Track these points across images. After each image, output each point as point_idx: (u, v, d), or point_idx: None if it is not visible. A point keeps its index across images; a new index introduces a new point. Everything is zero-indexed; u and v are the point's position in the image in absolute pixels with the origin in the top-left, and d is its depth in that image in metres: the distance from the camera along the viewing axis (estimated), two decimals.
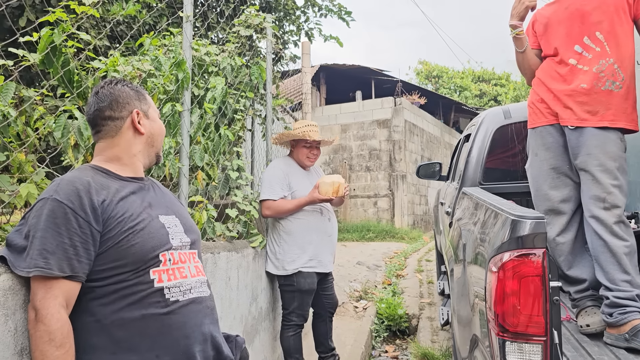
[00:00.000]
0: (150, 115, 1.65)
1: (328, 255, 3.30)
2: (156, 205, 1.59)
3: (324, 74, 14.64)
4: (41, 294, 1.28)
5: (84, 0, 2.11)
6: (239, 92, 3.37)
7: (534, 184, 2.32)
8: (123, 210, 1.45)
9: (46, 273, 1.28)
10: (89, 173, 1.48)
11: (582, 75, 2.13)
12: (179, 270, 1.52)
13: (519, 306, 1.50)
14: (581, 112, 2.11)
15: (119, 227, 1.42)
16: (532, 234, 1.50)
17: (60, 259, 1.31)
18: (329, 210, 3.35)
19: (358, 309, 5.34)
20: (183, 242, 1.58)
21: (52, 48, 1.96)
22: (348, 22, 6.11)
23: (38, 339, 1.25)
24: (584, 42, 2.15)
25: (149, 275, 1.44)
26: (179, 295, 1.48)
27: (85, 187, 1.40)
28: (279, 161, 3.37)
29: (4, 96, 1.85)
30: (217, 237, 2.86)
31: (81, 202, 1.37)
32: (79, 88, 2.12)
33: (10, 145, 2.00)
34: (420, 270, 7.23)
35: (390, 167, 12.62)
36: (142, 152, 1.63)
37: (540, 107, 2.28)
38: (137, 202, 1.52)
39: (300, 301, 3.18)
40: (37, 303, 1.27)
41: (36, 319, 1.26)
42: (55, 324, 1.27)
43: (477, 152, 3.09)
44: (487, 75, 27.44)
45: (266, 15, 3.56)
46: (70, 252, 1.32)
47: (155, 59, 2.44)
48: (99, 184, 1.45)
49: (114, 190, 1.48)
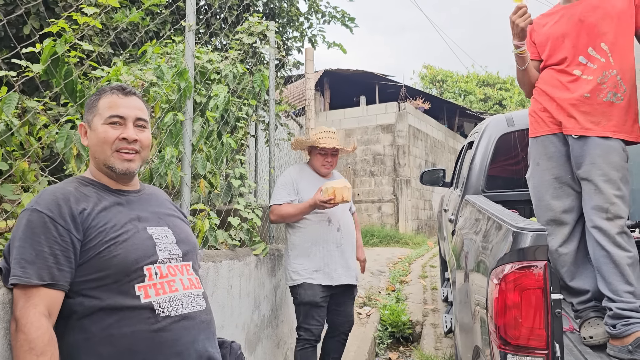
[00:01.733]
0: (93, 125, 1.53)
1: (338, 267, 3.10)
2: (146, 216, 1.56)
3: (328, 79, 14.66)
4: (21, 303, 1.28)
5: (86, 11, 2.12)
6: (241, 99, 3.38)
7: (536, 194, 2.31)
8: (105, 220, 1.44)
9: (24, 282, 1.28)
10: (73, 184, 1.49)
11: (585, 85, 2.13)
12: (168, 284, 1.48)
13: (521, 319, 1.49)
14: (585, 122, 2.10)
15: (100, 237, 1.41)
16: (534, 247, 1.49)
17: (39, 267, 1.30)
18: (338, 220, 3.18)
19: (362, 315, 5.32)
20: (172, 254, 1.53)
21: (55, 59, 1.97)
22: (351, 29, 6.12)
23: (19, 349, 1.24)
24: (588, 52, 2.14)
25: (134, 290, 1.41)
26: (170, 311, 1.44)
27: (65, 196, 1.41)
28: (292, 167, 3.34)
29: (7, 107, 1.86)
30: (219, 245, 2.86)
31: (60, 211, 1.37)
32: (82, 98, 2.13)
33: (13, 154, 2.01)
34: (425, 276, 7.21)
35: (394, 172, 12.60)
36: (96, 165, 1.56)
37: (542, 116, 2.27)
38: (122, 212, 1.50)
39: (305, 315, 3.05)
40: (17, 313, 1.26)
41: (16, 328, 1.25)
42: (35, 332, 1.25)
43: (480, 160, 3.08)
44: (491, 80, 27.41)
45: (269, 23, 3.57)
46: (50, 260, 1.32)
47: (157, 68, 2.45)
48: (81, 194, 1.45)
49: (95, 200, 1.47)
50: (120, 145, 1.52)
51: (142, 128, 1.58)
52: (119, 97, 1.55)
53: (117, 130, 1.52)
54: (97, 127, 1.52)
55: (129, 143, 1.53)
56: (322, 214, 3.12)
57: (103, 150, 1.52)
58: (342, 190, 2.98)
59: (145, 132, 1.59)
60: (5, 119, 1.89)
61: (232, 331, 2.70)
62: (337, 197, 2.96)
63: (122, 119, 1.53)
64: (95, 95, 1.58)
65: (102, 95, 1.56)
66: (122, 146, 1.52)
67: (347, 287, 3.17)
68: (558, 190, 2.20)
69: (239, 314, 2.81)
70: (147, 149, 1.61)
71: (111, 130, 1.51)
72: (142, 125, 1.58)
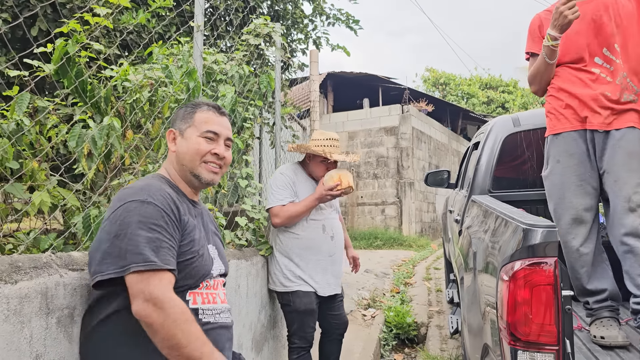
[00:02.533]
0: (186, 134, 1.65)
1: (329, 277, 3.01)
2: (205, 231, 1.67)
3: (332, 82, 14.69)
4: (154, 283, 1.33)
5: (98, 11, 2.14)
6: (247, 100, 3.39)
7: (557, 192, 2.25)
8: (190, 230, 1.53)
9: (160, 266, 1.35)
10: (167, 186, 1.57)
11: (606, 85, 2.14)
12: (212, 295, 1.59)
13: (531, 315, 1.49)
14: (608, 116, 2.13)
15: (189, 246, 1.51)
16: (544, 243, 1.50)
17: (165, 254, 1.38)
18: (332, 228, 3.06)
19: (366, 317, 5.32)
20: (219, 272, 1.66)
21: (67, 59, 1.99)
22: (356, 31, 6.14)
23: (176, 321, 1.31)
24: (603, 53, 2.15)
25: (185, 295, 1.49)
26: (211, 318, 1.54)
27: (171, 196, 1.50)
28: (285, 168, 3.12)
29: (19, 106, 1.88)
30: (226, 245, 2.87)
31: (172, 209, 1.46)
32: (92, 97, 2.15)
33: (23, 153, 2.02)
34: (429, 278, 7.20)
35: (397, 174, 12.60)
36: (178, 170, 1.65)
37: (565, 112, 2.24)
38: (197, 226, 1.60)
39: (300, 323, 2.94)
40: (156, 291, 1.32)
41: (159, 306, 1.31)
42: (181, 305, 1.35)
43: (486, 160, 3.09)
44: (494, 82, 27.41)
45: (275, 25, 3.59)
46: (172, 250, 1.41)
47: (166, 68, 2.46)
48: (177, 199, 1.54)
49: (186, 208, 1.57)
50: (209, 158, 1.64)
51: (228, 147, 1.71)
52: (215, 114, 1.68)
53: (210, 145, 1.64)
54: (191, 137, 1.64)
55: (218, 159, 1.66)
56: (317, 221, 3.00)
57: (193, 159, 1.63)
58: (346, 175, 2.87)
59: (229, 151, 1.72)
60: (17, 118, 1.91)
61: (239, 331, 2.71)
62: (344, 182, 2.85)
63: (216, 135, 1.66)
64: (190, 107, 1.70)
65: (198, 109, 1.68)
66: (211, 160, 1.64)
67: (335, 295, 3.10)
68: (579, 188, 2.18)
69: (246, 314, 2.82)
70: (228, 166, 1.74)
71: (205, 143, 1.63)
72: (229, 145, 1.72)
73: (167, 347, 1.32)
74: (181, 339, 1.31)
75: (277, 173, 3.11)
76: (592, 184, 2.18)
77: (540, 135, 3.05)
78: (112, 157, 2.17)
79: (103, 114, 2.21)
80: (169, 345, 1.31)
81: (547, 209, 2.99)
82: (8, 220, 2.02)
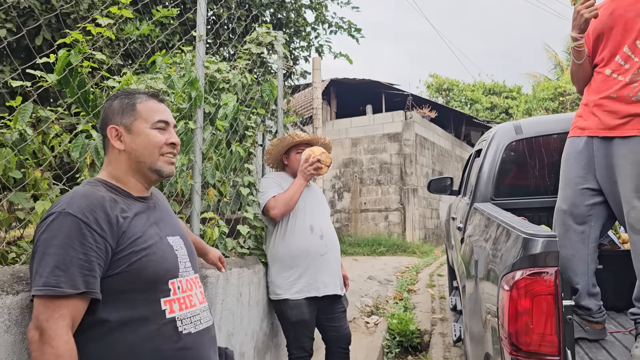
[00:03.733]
0: (134, 129, 1.51)
1: (324, 276, 2.93)
2: (163, 225, 1.54)
3: (335, 88, 14.72)
4: (48, 313, 1.22)
5: (100, 22, 2.15)
6: (250, 108, 3.41)
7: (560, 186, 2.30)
8: (134, 229, 1.41)
9: (58, 292, 1.22)
10: (100, 188, 1.43)
11: (615, 85, 2.09)
12: (188, 298, 1.48)
13: (532, 325, 1.49)
14: (610, 121, 2.07)
15: (132, 247, 1.37)
16: (544, 252, 1.49)
17: (74, 275, 1.24)
18: (321, 228, 3.02)
19: (369, 324, 5.31)
20: (186, 267, 1.53)
21: (69, 69, 2.01)
22: (358, 39, 6.16)
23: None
24: (624, 51, 2.09)
25: (160, 305, 1.39)
26: (191, 327, 1.45)
27: (99, 201, 1.35)
28: (268, 174, 3.20)
29: (22, 116, 1.89)
30: (228, 253, 2.88)
31: (96, 217, 1.31)
32: (95, 107, 2.16)
33: (26, 162, 2.04)
34: (432, 285, 7.18)
35: (401, 180, 12.60)
36: (131, 168, 1.52)
37: (576, 121, 2.26)
38: (147, 221, 1.47)
39: (295, 333, 2.91)
40: (44, 323, 1.21)
41: (42, 341, 1.20)
42: (64, 347, 1.21)
43: (488, 168, 3.08)
44: (498, 88, 27.38)
45: (277, 34, 3.61)
46: (85, 267, 1.26)
47: (168, 77, 2.48)
48: (112, 200, 1.41)
49: (124, 207, 1.43)
50: (166, 149, 1.54)
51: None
52: (157, 102, 1.58)
53: (164, 135, 1.54)
54: (143, 131, 1.51)
55: (174, 147, 1.56)
56: (304, 221, 2.98)
57: (151, 154, 1.51)
58: (318, 148, 2.96)
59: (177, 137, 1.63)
60: (20, 128, 1.93)
61: (241, 339, 2.71)
62: (316, 152, 2.93)
63: (166, 124, 1.56)
64: (126, 99, 1.55)
65: (137, 100, 1.55)
66: (169, 150, 1.54)
67: (334, 299, 3.00)
68: (577, 186, 2.19)
69: (248, 322, 2.82)
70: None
71: (159, 134, 1.53)
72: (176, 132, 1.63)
73: None
74: None
75: (261, 179, 3.14)
76: (590, 186, 2.16)
77: (542, 143, 3.05)
78: None
79: None
80: None
81: (550, 217, 2.99)
82: (12, 228, 2.03)
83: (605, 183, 2.11)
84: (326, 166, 2.98)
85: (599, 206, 2.17)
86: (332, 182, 13.24)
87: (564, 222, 2.20)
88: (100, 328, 1.32)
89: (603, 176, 2.12)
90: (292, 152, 3.10)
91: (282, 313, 2.94)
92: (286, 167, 3.17)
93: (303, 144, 3.08)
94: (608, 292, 2.39)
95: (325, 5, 6.12)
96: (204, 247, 2.07)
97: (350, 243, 11.28)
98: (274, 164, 3.22)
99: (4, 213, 2.03)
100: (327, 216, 3.19)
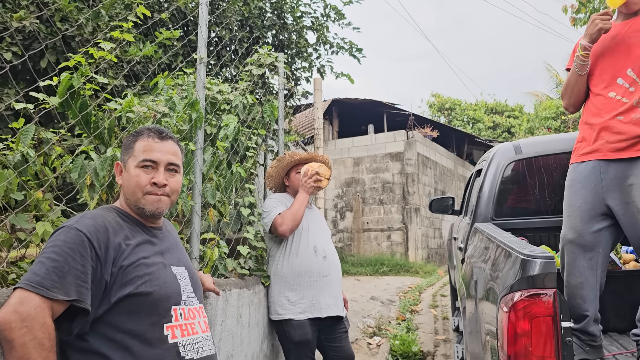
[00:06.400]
0: (127, 166, 1.59)
1: (327, 297, 2.93)
2: (169, 255, 1.59)
3: (336, 108, 14.80)
4: (34, 305, 1.24)
5: (103, 46, 2.19)
6: (251, 129, 3.43)
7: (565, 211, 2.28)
8: (139, 256, 1.46)
9: (50, 296, 1.26)
10: (111, 214, 1.52)
11: (619, 107, 2.09)
12: (190, 326, 1.52)
13: (531, 347, 1.48)
14: (617, 144, 2.07)
15: (135, 272, 1.42)
16: (543, 274, 1.49)
17: (69, 284, 1.29)
18: (324, 249, 3.02)
19: (372, 345, 5.25)
20: (189, 297, 1.58)
21: (71, 92, 2.04)
22: (359, 59, 6.22)
23: (39, 346, 1.22)
24: (627, 74, 2.10)
25: (162, 329, 1.43)
26: (193, 353, 1.48)
27: (104, 225, 1.43)
28: (270, 195, 3.22)
29: (24, 138, 1.92)
30: (228, 273, 2.87)
31: (98, 237, 1.39)
32: (96, 129, 2.19)
33: (28, 184, 2.06)
34: (435, 306, 7.12)
35: (403, 200, 12.58)
36: (127, 203, 1.59)
37: (579, 146, 2.25)
38: (152, 250, 1.53)
39: (297, 354, 2.88)
40: (34, 312, 1.24)
41: (30, 327, 1.22)
42: (53, 335, 1.27)
43: (488, 188, 3.09)
44: (500, 107, 27.49)
45: (278, 55, 3.65)
46: (80, 278, 1.32)
47: (169, 99, 2.51)
48: (119, 226, 1.48)
49: (129, 234, 1.49)
50: (150, 189, 1.56)
51: (174, 172, 1.62)
52: (154, 141, 1.60)
53: (149, 174, 1.56)
54: (130, 170, 1.57)
55: (159, 188, 1.56)
56: (308, 243, 2.98)
57: (134, 193, 1.56)
58: (315, 163, 3.01)
59: (175, 176, 1.62)
60: (22, 150, 1.95)
61: None
62: (313, 166, 2.98)
63: (154, 164, 1.57)
64: (132, 136, 1.62)
65: (139, 137, 1.60)
66: (152, 190, 1.56)
67: (336, 320, 2.98)
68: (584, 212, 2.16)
69: (248, 344, 2.80)
70: (177, 193, 1.64)
71: (143, 174, 1.56)
72: (174, 169, 1.62)
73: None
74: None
75: (264, 201, 3.16)
76: (597, 211, 2.14)
77: (542, 163, 3.05)
78: (115, 187, 2.20)
79: (107, 145, 2.24)
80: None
81: (550, 237, 2.98)
82: (13, 248, 2.03)
83: (617, 205, 2.08)
84: (326, 179, 3.03)
85: (605, 231, 2.15)
86: (334, 201, 13.23)
87: (571, 251, 2.18)
88: (105, 349, 1.35)
89: (614, 199, 2.09)
90: (292, 173, 3.15)
91: (285, 333, 2.91)
92: (287, 189, 3.20)
93: (302, 163, 3.12)
94: (609, 314, 2.37)
95: (327, 26, 6.20)
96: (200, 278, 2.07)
97: (352, 263, 11.22)
98: (275, 186, 3.25)
99: (5, 234, 2.04)
100: (329, 237, 3.21)
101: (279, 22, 5.85)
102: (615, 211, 2.09)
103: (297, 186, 3.06)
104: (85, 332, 1.36)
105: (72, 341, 1.36)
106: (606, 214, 2.13)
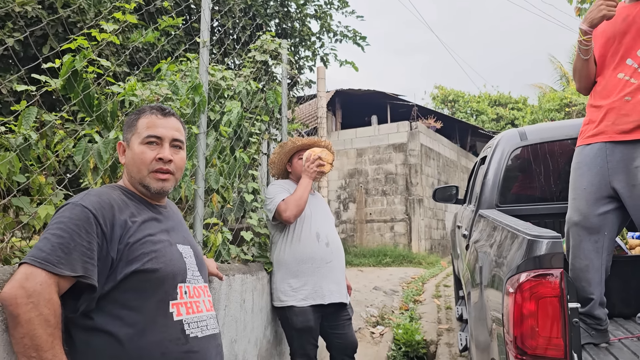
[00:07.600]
0: (130, 144, 1.57)
1: (330, 284, 2.91)
2: (174, 233, 1.59)
3: (340, 99, 14.75)
4: (40, 280, 1.24)
5: (105, 28, 2.17)
6: (254, 115, 3.42)
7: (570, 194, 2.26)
8: (145, 233, 1.46)
9: (56, 271, 1.26)
10: (116, 192, 1.51)
11: (628, 88, 2.07)
12: (195, 304, 1.52)
13: (537, 328, 1.47)
14: (624, 125, 2.05)
15: (142, 249, 1.42)
16: (549, 254, 1.47)
17: (75, 260, 1.29)
18: (327, 235, 3.01)
19: (375, 334, 5.26)
20: (194, 275, 1.57)
21: (73, 73, 2.02)
22: (363, 47, 6.18)
23: (45, 322, 1.22)
24: (637, 54, 2.08)
25: (168, 307, 1.43)
26: (198, 331, 1.48)
27: (109, 202, 1.42)
28: (276, 182, 3.18)
29: (26, 120, 1.90)
30: (232, 260, 2.86)
31: (104, 214, 1.38)
32: (99, 112, 2.17)
33: (30, 167, 2.05)
34: (438, 296, 7.12)
35: (406, 191, 12.56)
36: (131, 181, 1.58)
37: (586, 129, 2.22)
38: (158, 227, 1.53)
39: (300, 341, 2.88)
40: (40, 288, 1.23)
41: (36, 303, 1.22)
42: (59, 311, 1.26)
43: (493, 174, 3.07)
44: (503, 99, 27.36)
45: (281, 41, 3.62)
46: (87, 255, 1.31)
47: (172, 83, 2.49)
48: (124, 204, 1.48)
49: (135, 212, 1.49)
50: (156, 166, 1.54)
51: (178, 149, 1.60)
52: (157, 117, 1.58)
53: (154, 150, 1.55)
54: (135, 147, 1.55)
55: (165, 163, 1.55)
56: (309, 229, 2.97)
57: (139, 170, 1.54)
58: (317, 149, 3.00)
59: (180, 153, 1.61)
60: (24, 132, 1.94)
61: (244, 346, 2.69)
62: (316, 151, 2.97)
63: (159, 139, 1.55)
64: (134, 115, 1.61)
65: (141, 115, 1.59)
66: (158, 167, 1.54)
67: (339, 307, 2.98)
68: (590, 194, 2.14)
69: (251, 329, 2.80)
70: (181, 170, 1.63)
71: (148, 150, 1.54)
72: (178, 145, 1.61)
73: (26, 346, 1.21)
74: (45, 342, 1.22)
75: (267, 188, 3.15)
76: (603, 194, 2.12)
77: (547, 149, 3.03)
78: (118, 171, 2.19)
79: (109, 128, 2.23)
80: (30, 344, 1.21)
81: (555, 223, 2.96)
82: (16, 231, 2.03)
83: (623, 188, 2.07)
84: (329, 164, 3.01)
85: (611, 214, 2.13)
86: (337, 192, 13.22)
87: (577, 234, 2.16)
88: (111, 325, 1.35)
89: (621, 181, 2.07)
90: (295, 159, 3.13)
91: (287, 320, 2.91)
92: (290, 175, 3.19)
93: (304, 149, 3.10)
94: (615, 299, 2.35)
95: (330, 14, 6.16)
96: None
97: (355, 254, 11.22)
98: (278, 173, 3.24)
99: (8, 217, 2.03)
100: (332, 224, 3.19)
101: (282, 10, 5.81)
102: (621, 194, 2.07)
103: (300, 172, 3.04)
104: (91, 309, 1.35)
105: (77, 319, 1.35)
106: (612, 197, 2.11)
